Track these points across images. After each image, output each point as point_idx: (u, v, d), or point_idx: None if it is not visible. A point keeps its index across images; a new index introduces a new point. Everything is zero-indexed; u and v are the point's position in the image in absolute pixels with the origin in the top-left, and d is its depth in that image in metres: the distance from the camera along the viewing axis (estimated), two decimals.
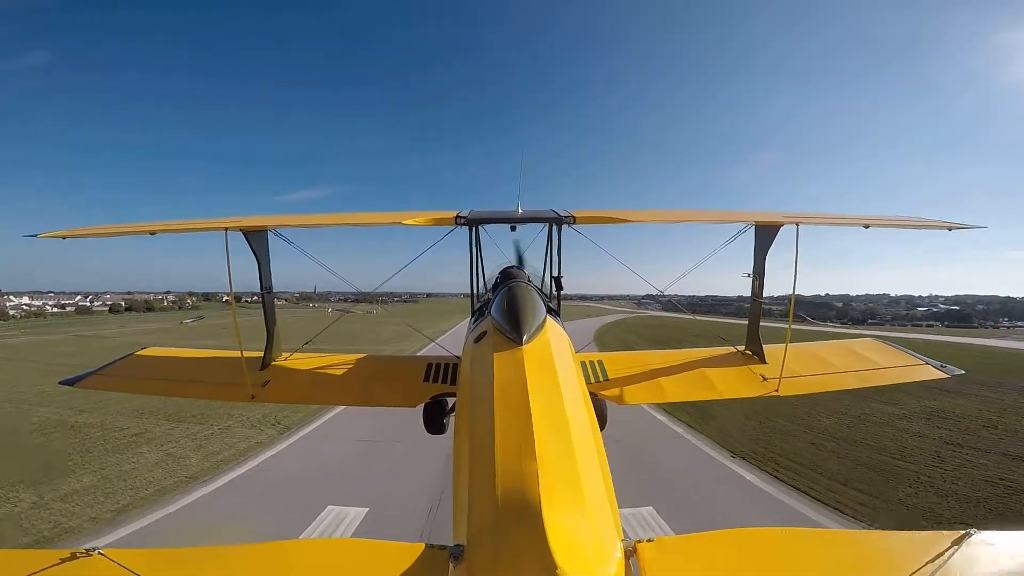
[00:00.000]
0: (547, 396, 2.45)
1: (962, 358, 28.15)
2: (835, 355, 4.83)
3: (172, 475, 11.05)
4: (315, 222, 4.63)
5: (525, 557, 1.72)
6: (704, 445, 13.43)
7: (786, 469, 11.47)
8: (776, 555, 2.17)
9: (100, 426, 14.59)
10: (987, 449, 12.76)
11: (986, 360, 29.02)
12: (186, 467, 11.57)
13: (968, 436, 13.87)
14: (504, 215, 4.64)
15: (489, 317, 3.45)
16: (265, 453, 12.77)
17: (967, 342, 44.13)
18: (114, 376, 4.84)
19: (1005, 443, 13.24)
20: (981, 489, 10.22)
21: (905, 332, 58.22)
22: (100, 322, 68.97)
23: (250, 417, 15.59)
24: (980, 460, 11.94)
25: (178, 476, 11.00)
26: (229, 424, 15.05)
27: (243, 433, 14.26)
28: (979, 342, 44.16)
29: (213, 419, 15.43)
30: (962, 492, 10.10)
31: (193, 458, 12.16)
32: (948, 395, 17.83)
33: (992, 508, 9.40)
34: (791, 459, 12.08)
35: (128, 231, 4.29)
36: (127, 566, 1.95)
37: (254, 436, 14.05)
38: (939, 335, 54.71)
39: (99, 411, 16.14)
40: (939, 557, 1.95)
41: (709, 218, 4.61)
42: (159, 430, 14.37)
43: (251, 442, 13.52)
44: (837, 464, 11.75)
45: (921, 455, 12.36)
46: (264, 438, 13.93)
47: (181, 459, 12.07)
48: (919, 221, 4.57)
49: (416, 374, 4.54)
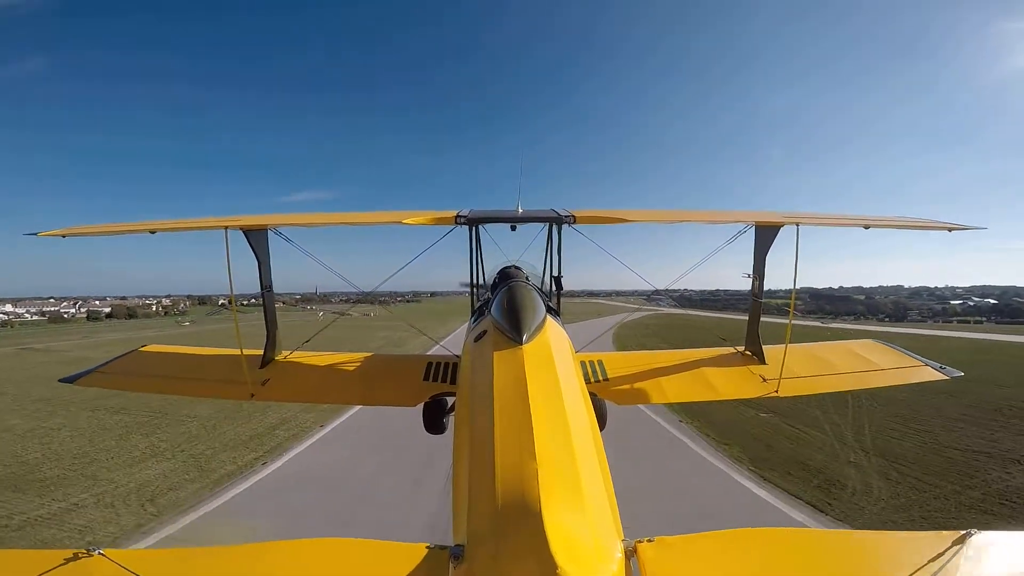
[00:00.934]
0: (547, 396, 2.45)
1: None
2: (835, 356, 4.84)
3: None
4: (316, 221, 4.64)
5: (525, 557, 1.72)
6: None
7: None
8: (776, 555, 2.17)
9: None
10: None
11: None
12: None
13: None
14: (504, 215, 4.64)
15: (489, 316, 3.46)
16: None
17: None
18: (114, 374, 4.85)
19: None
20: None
21: (968, 331, 48.60)
22: (69, 331, 60.16)
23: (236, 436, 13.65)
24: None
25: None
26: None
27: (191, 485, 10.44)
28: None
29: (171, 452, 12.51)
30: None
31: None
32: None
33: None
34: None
35: (128, 230, 4.28)
36: (127, 567, 1.95)
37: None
38: (1012, 335, 41.63)
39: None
40: (939, 557, 1.95)
41: (709, 218, 4.62)
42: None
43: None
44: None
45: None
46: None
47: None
48: (919, 222, 4.57)
49: (416, 373, 4.54)
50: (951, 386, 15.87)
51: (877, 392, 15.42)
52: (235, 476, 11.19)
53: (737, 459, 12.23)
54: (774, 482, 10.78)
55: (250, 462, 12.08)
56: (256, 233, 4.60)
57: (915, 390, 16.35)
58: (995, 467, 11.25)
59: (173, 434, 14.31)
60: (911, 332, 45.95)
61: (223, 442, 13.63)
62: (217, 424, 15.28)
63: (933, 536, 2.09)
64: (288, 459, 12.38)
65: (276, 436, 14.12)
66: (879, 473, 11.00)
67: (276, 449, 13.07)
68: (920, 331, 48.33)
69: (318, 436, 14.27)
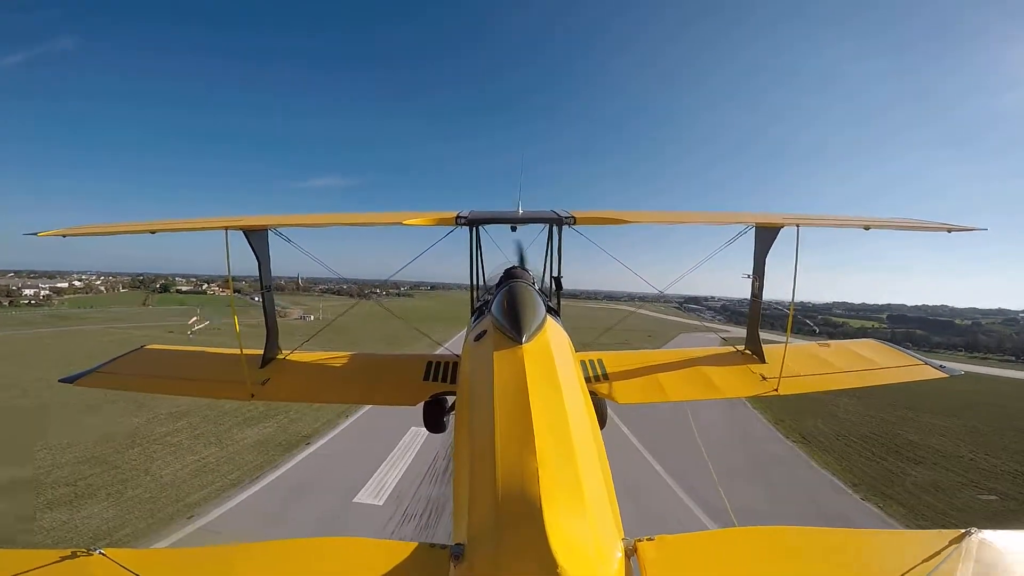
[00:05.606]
0: (547, 395, 2.45)
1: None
2: (835, 355, 4.84)
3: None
4: (316, 221, 4.63)
5: (526, 556, 1.72)
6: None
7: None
8: (776, 554, 2.17)
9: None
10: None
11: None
12: None
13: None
14: (504, 215, 4.64)
15: (489, 316, 3.46)
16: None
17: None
18: (114, 374, 4.84)
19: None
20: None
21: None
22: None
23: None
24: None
25: None
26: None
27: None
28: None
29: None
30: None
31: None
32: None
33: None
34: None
35: (128, 230, 4.28)
36: (127, 566, 1.95)
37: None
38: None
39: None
40: (939, 555, 1.95)
41: (709, 219, 4.60)
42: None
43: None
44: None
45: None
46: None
47: None
48: (919, 223, 4.57)
49: (416, 373, 4.54)
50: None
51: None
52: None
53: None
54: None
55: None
56: (256, 233, 4.60)
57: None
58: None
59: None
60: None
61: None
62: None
63: (933, 535, 2.09)
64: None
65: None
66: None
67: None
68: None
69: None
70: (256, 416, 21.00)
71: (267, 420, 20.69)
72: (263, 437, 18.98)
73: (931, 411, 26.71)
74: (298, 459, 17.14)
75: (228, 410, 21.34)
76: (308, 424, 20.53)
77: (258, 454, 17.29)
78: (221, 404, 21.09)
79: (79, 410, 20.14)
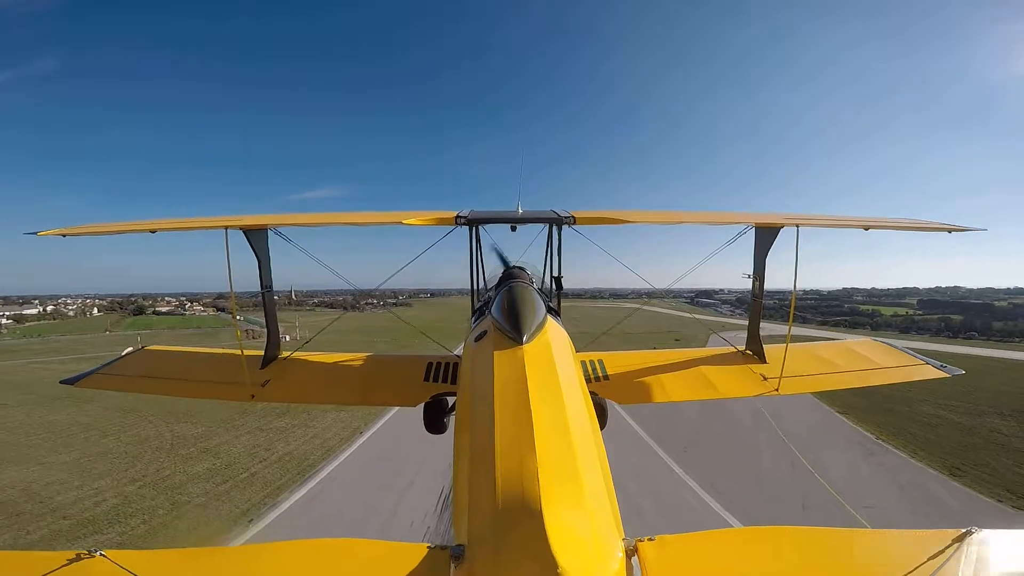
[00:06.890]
0: (547, 395, 2.45)
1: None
2: (835, 355, 4.84)
3: None
4: (316, 221, 4.62)
5: (526, 557, 1.72)
6: None
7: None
8: (776, 554, 2.16)
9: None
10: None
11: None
12: None
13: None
14: (504, 215, 4.63)
15: (489, 316, 3.45)
16: None
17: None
18: (114, 375, 4.84)
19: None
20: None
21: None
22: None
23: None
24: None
25: None
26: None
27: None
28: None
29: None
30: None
31: None
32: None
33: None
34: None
35: (127, 229, 4.26)
36: (128, 567, 1.95)
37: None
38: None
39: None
40: (940, 555, 1.95)
41: (709, 219, 4.60)
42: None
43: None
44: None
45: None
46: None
47: None
48: (919, 223, 4.57)
49: (416, 373, 4.54)
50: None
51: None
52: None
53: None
54: None
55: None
56: (256, 233, 4.60)
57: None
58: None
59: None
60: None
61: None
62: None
63: (934, 534, 2.09)
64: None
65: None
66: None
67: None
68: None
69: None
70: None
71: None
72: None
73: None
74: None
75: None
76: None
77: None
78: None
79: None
